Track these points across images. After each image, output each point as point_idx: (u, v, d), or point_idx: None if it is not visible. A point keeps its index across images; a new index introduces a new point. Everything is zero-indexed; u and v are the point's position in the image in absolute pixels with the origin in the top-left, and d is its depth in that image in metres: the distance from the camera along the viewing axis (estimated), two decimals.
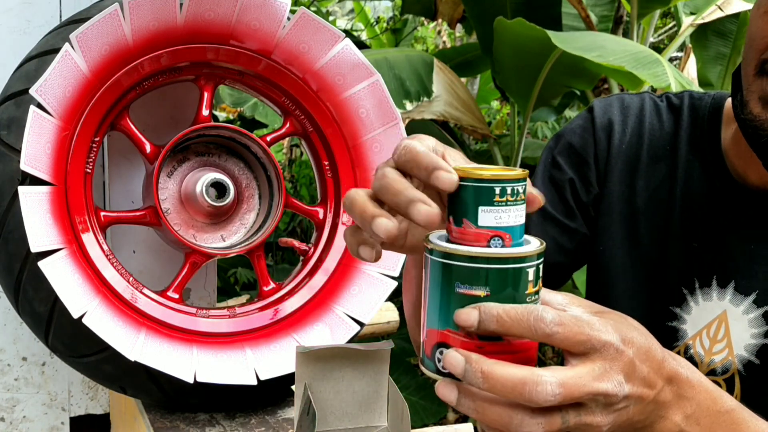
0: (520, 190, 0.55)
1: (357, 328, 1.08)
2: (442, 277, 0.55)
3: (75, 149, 0.99)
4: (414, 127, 3.08)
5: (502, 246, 0.55)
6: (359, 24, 5.99)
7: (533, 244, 0.56)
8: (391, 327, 1.68)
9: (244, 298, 1.53)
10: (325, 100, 1.12)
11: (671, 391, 0.59)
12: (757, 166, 0.86)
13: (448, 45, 5.78)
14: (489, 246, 0.54)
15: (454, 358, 0.53)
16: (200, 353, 1.02)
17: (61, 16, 1.23)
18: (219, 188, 1.11)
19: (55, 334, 0.99)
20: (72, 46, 0.95)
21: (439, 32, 5.97)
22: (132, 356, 0.96)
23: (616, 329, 0.56)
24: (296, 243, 1.15)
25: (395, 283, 1.11)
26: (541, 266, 0.55)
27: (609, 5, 3.33)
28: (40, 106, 0.94)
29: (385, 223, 0.55)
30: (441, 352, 0.55)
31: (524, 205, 0.56)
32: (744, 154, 0.88)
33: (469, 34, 4.46)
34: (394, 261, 1.11)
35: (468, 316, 0.53)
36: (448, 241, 0.56)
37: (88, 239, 1.00)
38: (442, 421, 2.66)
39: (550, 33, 2.40)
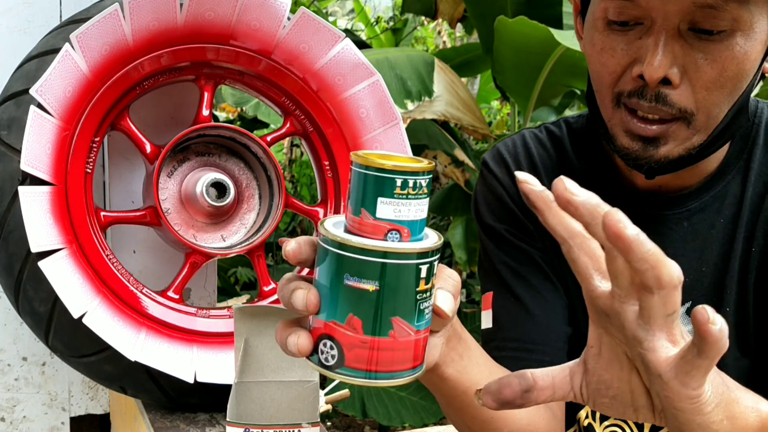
0: (423, 184, 0.52)
1: None
2: (333, 267, 0.52)
3: (75, 149, 0.99)
4: (416, 127, 3.08)
5: (400, 240, 0.52)
6: (360, 24, 5.99)
7: (430, 239, 0.54)
8: None
9: (244, 298, 1.53)
10: (325, 100, 1.12)
11: None
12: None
13: (448, 45, 5.78)
14: (386, 239, 0.52)
15: None
16: (200, 353, 1.02)
17: (61, 16, 1.23)
18: (219, 188, 1.11)
19: (56, 334, 0.99)
20: (72, 46, 0.95)
21: (439, 32, 5.97)
22: (132, 356, 0.96)
23: None
24: None
25: None
26: (435, 263, 0.53)
27: None
28: (40, 106, 0.94)
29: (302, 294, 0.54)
30: (325, 344, 0.54)
31: (427, 199, 0.53)
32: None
33: (470, 33, 4.46)
34: None
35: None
36: (345, 229, 0.53)
37: (88, 239, 0.99)
38: (442, 421, 2.66)
39: (553, 30, 2.40)
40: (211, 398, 1.04)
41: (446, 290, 0.57)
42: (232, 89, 2.99)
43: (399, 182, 0.51)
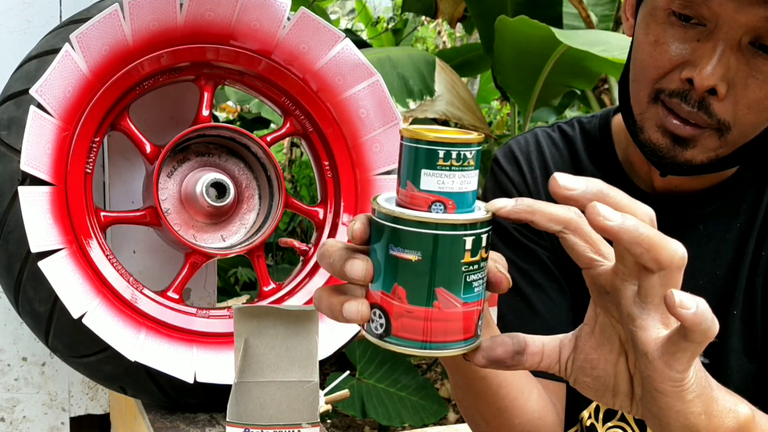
0: (469, 155, 0.52)
1: (357, 328, 1.08)
2: (379, 237, 0.53)
3: (75, 149, 0.99)
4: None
5: (444, 212, 0.52)
6: (360, 24, 5.99)
7: (478, 212, 0.54)
8: None
9: (244, 298, 1.53)
10: (325, 100, 1.12)
11: None
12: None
13: (448, 45, 5.78)
14: (430, 211, 0.52)
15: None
16: (200, 353, 1.02)
17: (61, 16, 1.23)
18: (219, 188, 1.11)
19: (55, 334, 0.99)
20: (72, 46, 0.95)
21: (439, 32, 5.97)
22: (132, 356, 0.96)
23: None
24: (296, 243, 1.15)
25: None
26: (484, 236, 0.53)
27: (609, 5, 3.33)
28: (40, 106, 0.94)
29: (360, 265, 0.53)
30: (375, 313, 0.54)
31: (475, 171, 0.53)
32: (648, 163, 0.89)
33: (470, 33, 4.46)
34: None
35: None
36: (397, 203, 0.54)
37: (88, 239, 1.00)
38: (442, 421, 2.66)
39: (555, 29, 2.41)
40: (211, 398, 1.04)
41: (501, 264, 0.57)
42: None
43: (441, 153, 0.51)
